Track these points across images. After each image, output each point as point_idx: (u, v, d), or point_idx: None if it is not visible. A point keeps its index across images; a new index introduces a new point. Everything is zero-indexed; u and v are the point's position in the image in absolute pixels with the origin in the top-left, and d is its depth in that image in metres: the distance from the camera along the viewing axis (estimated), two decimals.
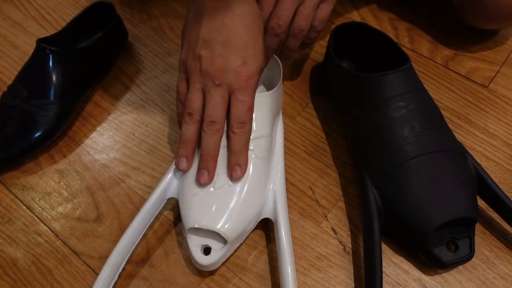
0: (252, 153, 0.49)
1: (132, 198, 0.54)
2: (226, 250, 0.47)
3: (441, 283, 0.47)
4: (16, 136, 0.55)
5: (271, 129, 0.52)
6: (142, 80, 0.64)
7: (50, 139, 0.57)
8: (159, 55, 0.66)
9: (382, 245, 0.49)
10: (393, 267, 0.49)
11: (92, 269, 0.49)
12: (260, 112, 0.50)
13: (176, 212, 0.52)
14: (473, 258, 0.47)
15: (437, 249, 0.46)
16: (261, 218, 0.49)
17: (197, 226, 0.46)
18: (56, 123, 0.56)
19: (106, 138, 0.59)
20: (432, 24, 0.68)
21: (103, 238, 0.51)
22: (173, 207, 0.53)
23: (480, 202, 0.49)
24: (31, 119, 0.55)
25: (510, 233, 0.50)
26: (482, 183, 0.48)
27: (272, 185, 0.50)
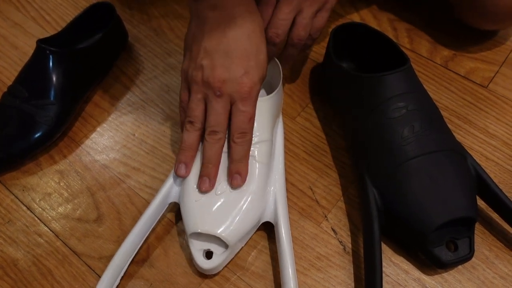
0: (253, 159, 0.49)
1: (133, 199, 0.54)
2: (228, 254, 0.47)
3: (441, 283, 0.48)
4: (16, 137, 0.55)
5: (272, 133, 0.52)
6: (142, 81, 0.64)
7: (50, 140, 0.57)
8: (159, 56, 0.66)
9: (382, 245, 0.49)
10: (393, 267, 0.49)
11: (93, 270, 0.49)
12: (261, 117, 0.50)
13: (177, 213, 0.52)
14: (473, 258, 0.47)
15: (437, 249, 0.46)
16: (262, 222, 0.49)
17: (199, 231, 0.46)
18: (56, 124, 0.56)
19: (106, 139, 0.59)
20: (432, 25, 0.68)
21: (104, 239, 0.51)
22: (174, 208, 0.53)
23: (480, 202, 0.49)
24: (31, 120, 0.55)
25: (510, 233, 0.50)
26: (482, 183, 0.48)
27: (273, 188, 0.50)
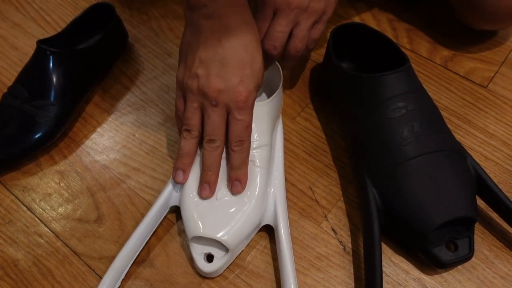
0: (253, 164, 0.49)
1: (133, 199, 0.54)
2: (228, 258, 0.47)
3: (441, 283, 0.48)
4: (17, 137, 0.55)
5: (271, 136, 0.52)
6: (142, 81, 0.64)
7: (51, 140, 0.57)
8: (159, 56, 0.66)
9: (382, 245, 0.49)
10: (393, 267, 0.49)
11: (93, 270, 0.49)
12: (260, 121, 0.50)
13: (177, 213, 0.52)
14: (473, 258, 0.47)
15: (437, 249, 0.46)
16: (262, 225, 0.50)
17: (200, 235, 0.46)
18: (57, 124, 0.56)
19: (106, 139, 0.59)
20: (431, 25, 0.68)
21: (104, 239, 0.51)
22: (174, 208, 0.53)
23: (480, 202, 0.49)
24: (32, 120, 0.55)
25: (510, 233, 0.50)
26: (482, 183, 0.48)
27: (273, 189, 0.50)
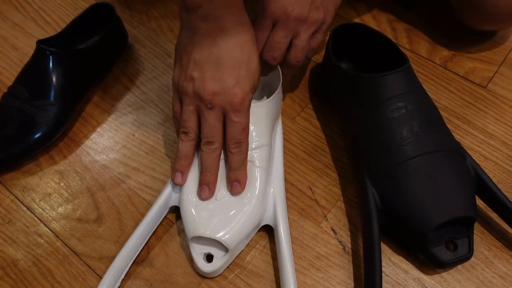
0: (253, 164, 0.49)
1: (133, 199, 0.54)
2: (228, 258, 0.47)
3: (440, 283, 0.48)
4: (16, 137, 0.55)
5: (271, 137, 0.52)
6: (142, 81, 0.64)
7: (50, 140, 0.57)
8: (159, 56, 0.66)
9: (382, 245, 0.49)
10: (393, 267, 0.49)
11: (93, 270, 0.49)
12: (259, 122, 0.50)
13: (177, 213, 0.52)
14: (472, 258, 0.47)
15: (436, 249, 0.46)
16: (262, 225, 0.50)
17: (199, 235, 0.46)
18: (56, 124, 0.56)
19: (106, 139, 0.59)
20: (431, 25, 0.68)
21: (104, 239, 0.51)
22: (174, 209, 0.53)
23: (479, 202, 0.50)
24: (31, 120, 0.55)
25: (509, 233, 0.50)
26: (481, 183, 0.48)
27: (272, 189, 0.50)
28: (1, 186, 0.56)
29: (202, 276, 0.49)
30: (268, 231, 0.51)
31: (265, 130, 0.51)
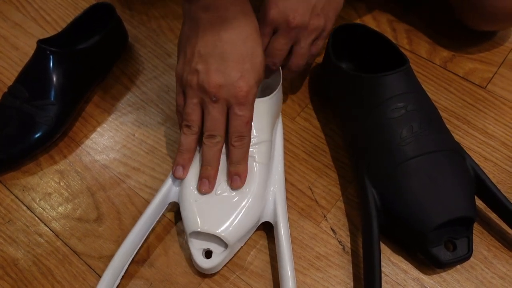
0: (253, 160, 0.49)
1: (133, 199, 0.54)
2: (227, 254, 0.47)
3: (440, 283, 0.48)
4: (17, 137, 0.55)
5: (271, 133, 0.52)
6: (142, 81, 0.64)
7: (50, 140, 0.57)
8: (159, 56, 0.67)
9: (381, 245, 0.49)
10: (392, 267, 0.49)
11: (93, 269, 0.50)
12: (260, 118, 0.50)
13: (177, 213, 0.52)
14: (471, 258, 0.48)
15: (436, 249, 0.46)
16: (262, 222, 0.50)
17: (199, 230, 0.46)
18: (57, 124, 0.56)
19: (106, 139, 0.59)
20: (431, 26, 0.68)
21: (104, 238, 0.51)
22: (173, 208, 0.53)
23: (478, 202, 0.50)
24: (31, 120, 0.55)
25: (508, 233, 0.50)
26: (480, 183, 0.48)
27: (272, 188, 0.50)
28: (1, 186, 0.56)
29: (202, 276, 0.49)
30: (268, 231, 0.51)
31: (266, 127, 0.51)
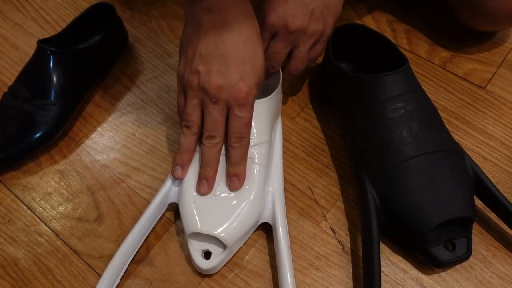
0: (252, 161, 0.49)
1: (133, 198, 0.54)
2: (226, 255, 0.47)
3: (439, 282, 0.48)
4: (17, 137, 0.55)
5: (271, 134, 0.52)
6: (142, 81, 0.64)
7: (51, 140, 0.57)
8: (159, 56, 0.67)
9: (381, 245, 0.49)
10: (392, 267, 0.49)
11: (93, 269, 0.50)
12: (259, 118, 0.51)
13: (176, 212, 0.53)
14: (471, 258, 0.48)
15: (435, 249, 0.46)
16: (260, 223, 0.50)
17: (198, 232, 0.47)
18: (57, 124, 0.57)
19: (106, 139, 0.59)
20: (430, 26, 0.68)
21: (104, 238, 0.52)
22: (173, 207, 0.53)
23: (478, 202, 0.50)
24: (32, 120, 0.56)
25: (507, 233, 0.51)
26: (480, 183, 0.49)
27: (271, 188, 0.50)
28: (2, 186, 0.56)
29: (202, 276, 0.49)
30: (267, 230, 0.51)
31: (265, 128, 0.51)
